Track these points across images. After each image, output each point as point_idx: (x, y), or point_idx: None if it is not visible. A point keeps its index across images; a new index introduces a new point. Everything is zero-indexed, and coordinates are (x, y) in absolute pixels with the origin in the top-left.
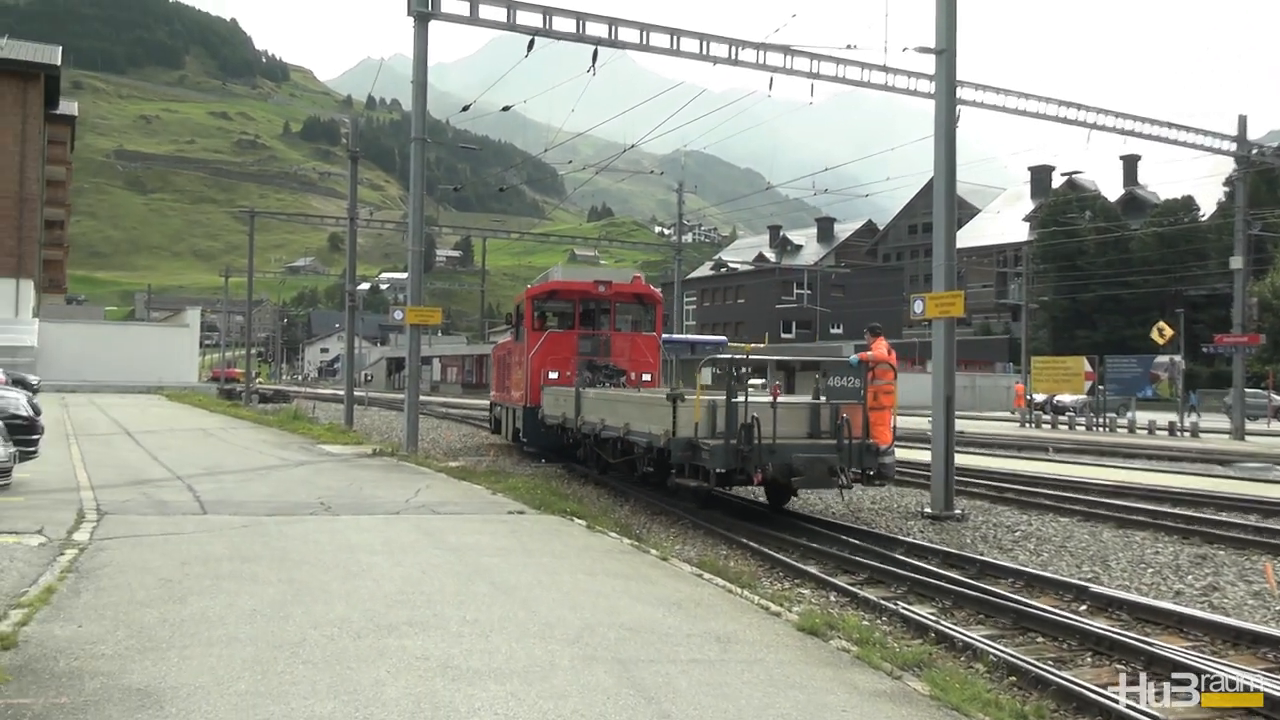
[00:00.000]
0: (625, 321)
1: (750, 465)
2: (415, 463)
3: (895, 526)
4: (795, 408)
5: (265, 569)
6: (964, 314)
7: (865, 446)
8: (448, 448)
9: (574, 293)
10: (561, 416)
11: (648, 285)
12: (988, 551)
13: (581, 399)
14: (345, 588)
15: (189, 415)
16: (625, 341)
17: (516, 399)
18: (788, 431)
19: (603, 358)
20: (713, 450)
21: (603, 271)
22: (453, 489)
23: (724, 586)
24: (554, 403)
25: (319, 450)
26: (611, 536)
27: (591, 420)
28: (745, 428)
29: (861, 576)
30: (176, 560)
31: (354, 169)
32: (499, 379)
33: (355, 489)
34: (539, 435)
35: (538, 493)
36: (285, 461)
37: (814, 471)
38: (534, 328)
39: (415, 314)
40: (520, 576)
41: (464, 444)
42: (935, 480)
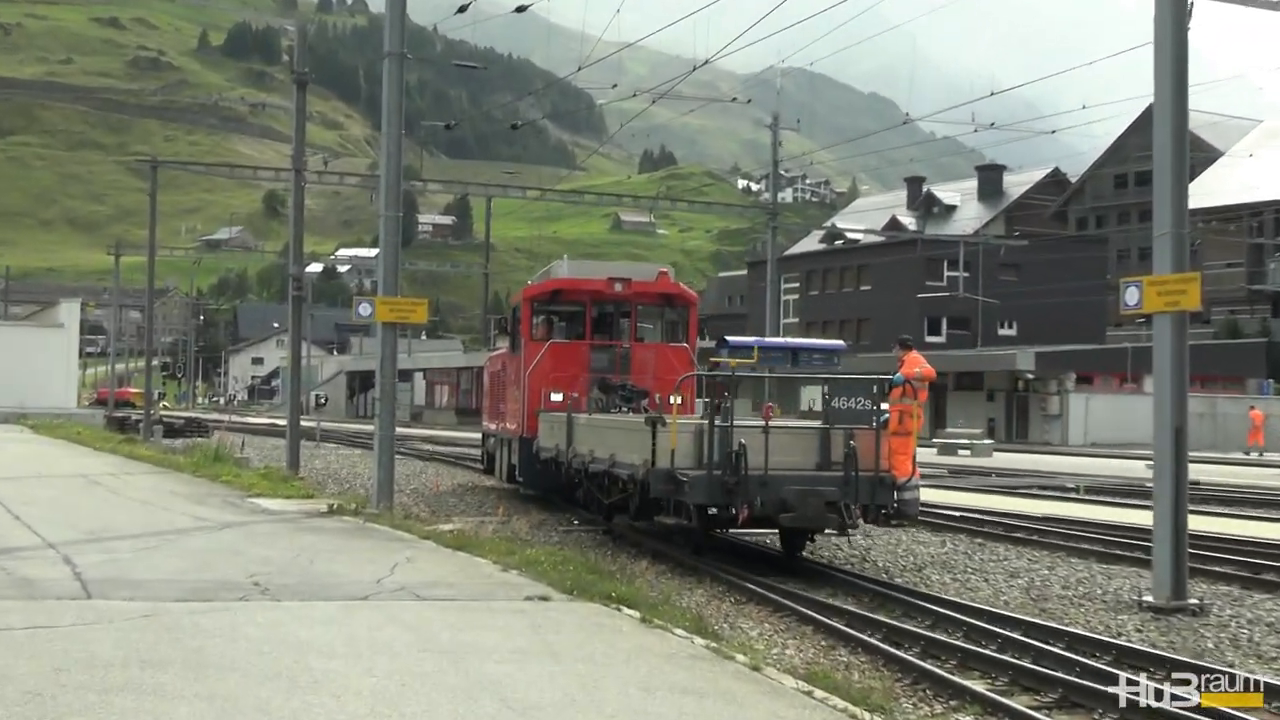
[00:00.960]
0: (650, 329)
1: (736, 499)
2: (390, 524)
3: (1099, 622)
4: (794, 434)
5: (175, 678)
6: (1199, 306)
7: (879, 479)
8: (438, 503)
9: (584, 293)
10: (555, 448)
11: (678, 284)
12: (1241, 663)
13: (574, 426)
14: (291, 707)
15: (65, 455)
16: (649, 354)
17: (512, 428)
18: (786, 461)
19: (620, 375)
20: (692, 482)
21: (620, 267)
22: (445, 563)
23: (848, 713)
24: (549, 432)
25: (251, 506)
26: (677, 634)
27: (582, 452)
28: (731, 456)
29: (1050, 697)
30: (48, 666)
31: (301, 98)
32: (492, 402)
33: (304, 563)
34: (537, 473)
35: (569, 569)
36: (203, 522)
37: (807, 507)
38: (533, 337)
39: (389, 308)
40: (544, 693)
41: (461, 498)
42: (1159, 554)
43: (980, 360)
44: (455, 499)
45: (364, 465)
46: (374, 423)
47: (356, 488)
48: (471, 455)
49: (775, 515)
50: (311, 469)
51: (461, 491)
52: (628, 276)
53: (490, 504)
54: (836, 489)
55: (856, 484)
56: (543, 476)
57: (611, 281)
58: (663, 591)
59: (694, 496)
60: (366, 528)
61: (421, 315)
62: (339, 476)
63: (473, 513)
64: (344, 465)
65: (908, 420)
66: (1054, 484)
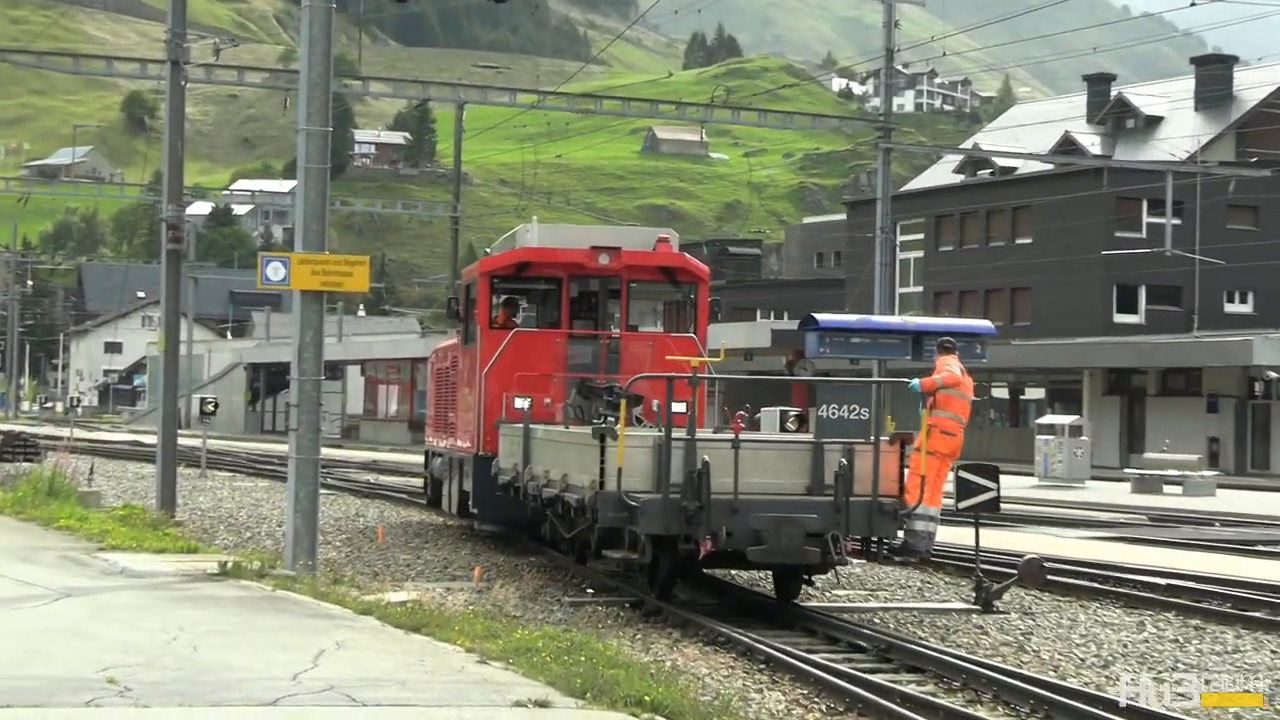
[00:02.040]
0: (646, 313)
1: (697, 529)
2: (312, 592)
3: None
4: (774, 450)
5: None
6: None
7: (877, 506)
8: (383, 559)
9: (559, 266)
10: (514, 469)
11: (684, 255)
12: None
13: (531, 440)
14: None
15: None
16: (644, 347)
17: (464, 445)
18: (765, 483)
19: (606, 375)
20: (644, 507)
21: (608, 234)
22: (394, 650)
23: None
24: (510, 449)
25: (105, 565)
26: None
27: (538, 473)
28: (693, 476)
29: None
30: None
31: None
32: (438, 410)
33: (183, 650)
34: (496, 502)
35: (578, 660)
36: (30, 589)
37: (781, 538)
38: (492, 325)
39: (312, 270)
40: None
41: (418, 552)
42: None
43: (1198, 351)
44: (409, 553)
45: (273, 504)
46: (288, 441)
47: (261, 537)
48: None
49: (747, 547)
50: (195, 509)
51: (417, 543)
52: (617, 245)
53: (461, 561)
54: (820, 517)
55: (848, 511)
56: (503, 506)
57: (596, 252)
58: (720, 695)
59: (647, 524)
60: (277, 597)
61: (360, 281)
62: (235, 520)
63: (435, 574)
64: (243, 504)
65: (941, 438)
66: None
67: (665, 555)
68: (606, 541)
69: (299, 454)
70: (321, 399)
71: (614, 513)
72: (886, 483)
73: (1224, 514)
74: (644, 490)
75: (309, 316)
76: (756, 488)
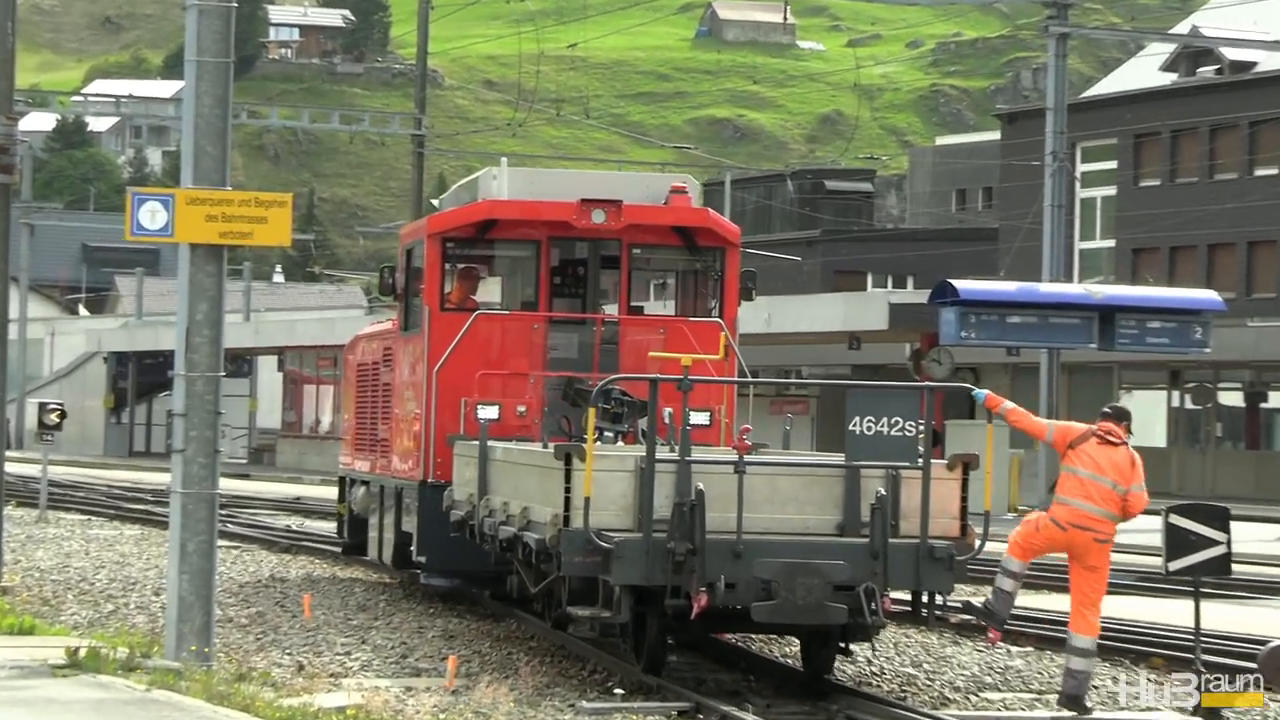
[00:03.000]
0: (655, 290)
1: (688, 579)
2: (207, 694)
3: None
4: (794, 477)
5: None
6: None
7: (926, 550)
8: (312, 642)
9: (537, 225)
10: (469, 501)
11: (706, 210)
12: None
13: (489, 463)
14: None
15: None
16: (651, 336)
17: (403, 468)
18: (782, 519)
19: (601, 371)
20: (620, 550)
21: (603, 181)
22: None
23: None
24: (465, 474)
25: None
26: None
27: (495, 506)
28: (683, 510)
29: None
30: None
31: None
32: (361, 422)
33: None
34: (450, 548)
35: None
36: None
37: (798, 592)
38: (444, 305)
39: (204, 212)
40: None
41: (362, 631)
42: None
43: None
44: (349, 634)
45: (147, 561)
46: (171, 468)
47: (129, 610)
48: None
49: (750, 605)
50: (30, 569)
51: (362, 618)
52: (616, 198)
53: (427, 647)
54: (850, 564)
55: (886, 557)
56: (458, 553)
57: (587, 206)
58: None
59: (622, 573)
60: (154, 701)
61: (279, 231)
62: (91, 586)
63: (388, 665)
64: (102, 561)
65: (1092, 549)
66: None
67: (652, 614)
68: (580, 595)
69: (187, 488)
70: (220, 406)
71: (581, 557)
72: (941, 520)
73: None
74: (621, 528)
75: (202, 283)
76: (771, 525)
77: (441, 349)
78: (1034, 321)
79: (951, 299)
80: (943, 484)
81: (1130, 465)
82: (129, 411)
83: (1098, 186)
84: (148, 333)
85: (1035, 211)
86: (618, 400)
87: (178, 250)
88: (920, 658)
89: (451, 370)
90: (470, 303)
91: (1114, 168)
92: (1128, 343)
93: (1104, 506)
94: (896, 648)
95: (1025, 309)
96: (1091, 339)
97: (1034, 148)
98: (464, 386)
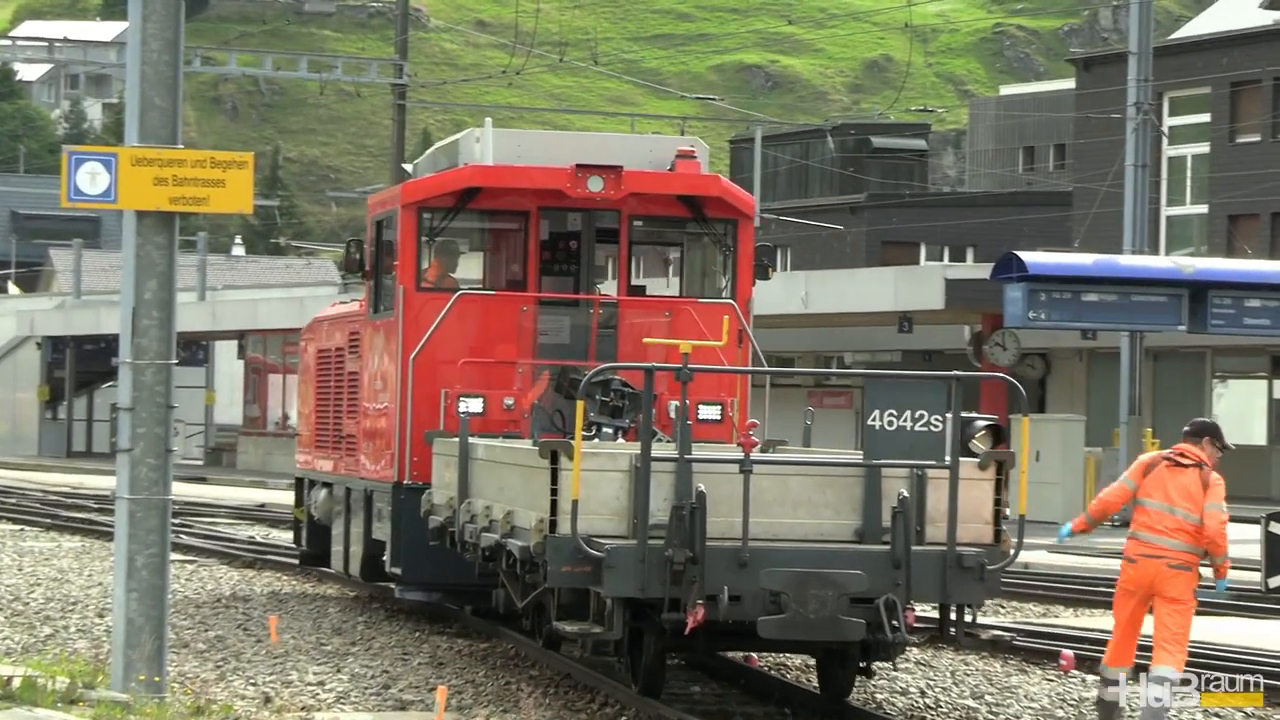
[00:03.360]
0: (658, 267)
1: (689, 591)
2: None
3: None
4: (807, 477)
5: None
6: None
7: (956, 559)
8: (280, 671)
9: (526, 194)
10: (449, 505)
11: (717, 178)
12: None
13: (470, 461)
14: None
15: None
16: (654, 318)
17: (374, 469)
18: (794, 524)
19: (596, 358)
20: (611, 558)
21: (602, 143)
22: None
23: None
24: (445, 475)
25: None
26: None
27: (477, 510)
28: (683, 514)
29: None
30: None
31: None
32: (322, 417)
33: None
34: (429, 558)
35: None
36: None
37: (809, 605)
38: (420, 285)
39: (153, 174)
40: None
41: (336, 657)
42: None
43: None
44: (323, 661)
45: (89, 578)
46: (116, 470)
47: (69, 635)
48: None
49: (756, 619)
50: None
51: (337, 642)
52: (615, 164)
53: (411, 676)
54: (867, 574)
55: (909, 566)
56: (438, 564)
57: (582, 173)
58: None
59: (614, 585)
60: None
61: (238, 197)
62: (25, 607)
63: (368, 696)
64: (37, 578)
65: (1169, 578)
66: None
67: (649, 630)
68: (570, 610)
69: (135, 493)
70: (173, 399)
71: (569, 567)
72: (971, 525)
73: None
74: (613, 534)
75: (150, 256)
76: (782, 531)
77: (418, 334)
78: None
79: (1018, 274)
80: (974, 485)
81: (1202, 488)
82: (66, 405)
83: (1188, 143)
84: (87, 314)
85: (1115, 172)
86: (618, 392)
87: (121, 219)
88: (981, 688)
89: (430, 358)
90: (450, 281)
91: (1207, 121)
92: (1222, 324)
93: (1175, 538)
94: (954, 676)
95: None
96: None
97: (1114, 98)
98: (444, 376)
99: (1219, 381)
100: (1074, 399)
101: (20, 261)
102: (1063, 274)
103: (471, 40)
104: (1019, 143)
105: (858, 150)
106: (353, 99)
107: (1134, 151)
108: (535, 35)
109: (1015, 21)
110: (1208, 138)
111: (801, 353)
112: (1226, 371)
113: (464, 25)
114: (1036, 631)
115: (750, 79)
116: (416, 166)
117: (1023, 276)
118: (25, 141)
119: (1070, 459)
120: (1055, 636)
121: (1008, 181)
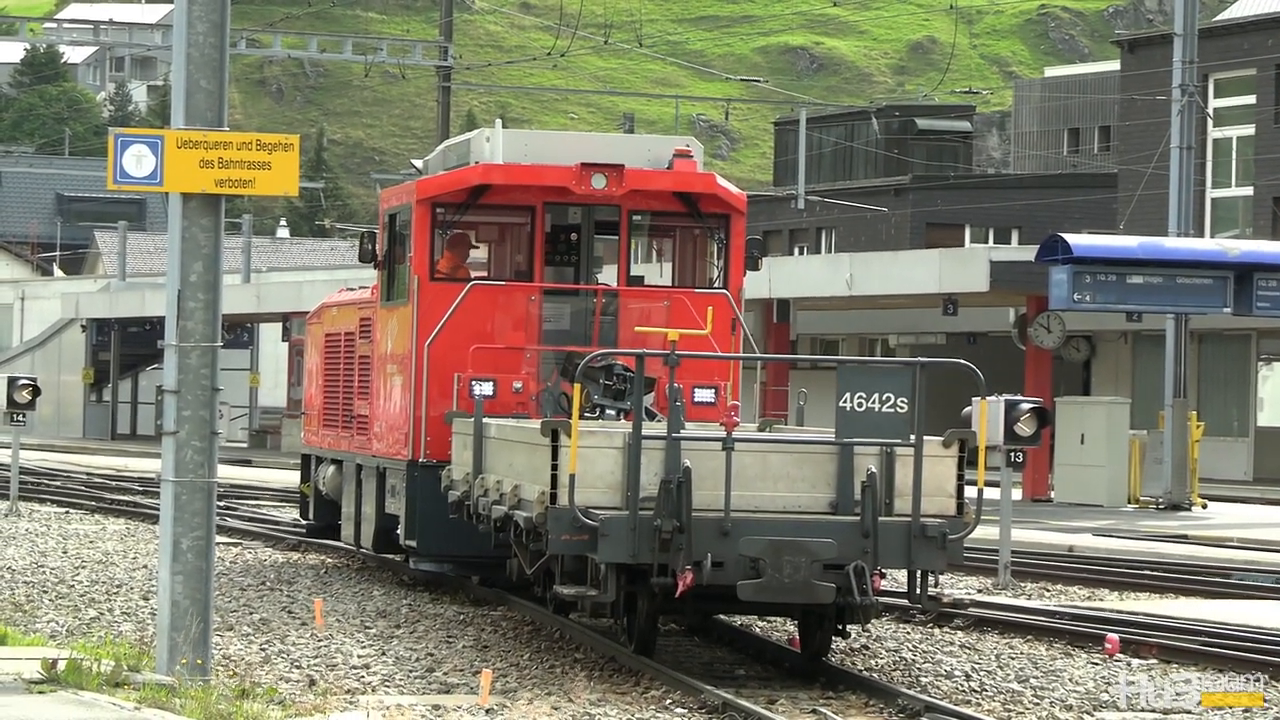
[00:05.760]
0: (655, 259)
1: (674, 556)
2: (205, 713)
3: None
4: (786, 454)
5: None
6: None
7: (920, 528)
8: (324, 654)
9: (533, 191)
10: (465, 481)
11: (712, 176)
12: None
13: (484, 439)
14: None
15: None
16: (653, 308)
17: (387, 447)
18: (774, 496)
19: (598, 344)
20: (605, 527)
21: (604, 143)
22: None
23: None
24: (461, 455)
25: None
26: None
27: (490, 484)
28: (669, 486)
29: None
30: None
31: None
32: (331, 396)
33: None
34: (446, 531)
35: None
36: None
37: (784, 569)
38: (434, 275)
39: (199, 157)
40: None
41: (381, 638)
42: None
43: None
44: (368, 644)
45: (134, 560)
46: (161, 453)
47: (115, 617)
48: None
49: (736, 583)
50: (0, 568)
51: (382, 625)
52: (617, 162)
53: (456, 658)
54: (838, 542)
55: (877, 535)
56: (454, 536)
57: (587, 171)
58: None
59: (608, 551)
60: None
61: (285, 179)
62: (70, 589)
63: (413, 679)
64: (82, 560)
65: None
66: None
67: (642, 593)
68: (573, 576)
69: (180, 475)
70: (218, 381)
71: (568, 535)
72: (936, 498)
73: None
74: (608, 505)
75: (196, 239)
76: (763, 503)
77: (433, 321)
78: (1159, 282)
79: (1063, 256)
80: (938, 462)
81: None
82: (111, 388)
83: (1233, 125)
84: (132, 297)
85: (1160, 154)
86: (620, 376)
87: (167, 201)
88: (1026, 671)
89: (444, 344)
90: (462, 272)
91: (1253, 103)
92: (1268, 306)
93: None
94: (999, 660)
95: (1148, 267)
96: (1226, 302)
97: (1159, 80)
98: (457, 361)
99: (1264, 364)
100: (1119, 381)
101: (65, 244)
102: (1108, 256)
103: (516, 22)
104: (1064, 125)
105: (902, 132)
106: (397, 81)
107: (1179, 133)
108: (580, 17)
109: (1060, 3)
110: (1253, 119)
111: (846, 335)
112: (1272, 354)
113: (509, 7)
114: (1082, 615)
115: (795, 61)
116: (427, 164)
117: (1068, 259)
118: (70, 124)
119: (1115, 442)
120: (1101, 620)
121: (1052, 164)
